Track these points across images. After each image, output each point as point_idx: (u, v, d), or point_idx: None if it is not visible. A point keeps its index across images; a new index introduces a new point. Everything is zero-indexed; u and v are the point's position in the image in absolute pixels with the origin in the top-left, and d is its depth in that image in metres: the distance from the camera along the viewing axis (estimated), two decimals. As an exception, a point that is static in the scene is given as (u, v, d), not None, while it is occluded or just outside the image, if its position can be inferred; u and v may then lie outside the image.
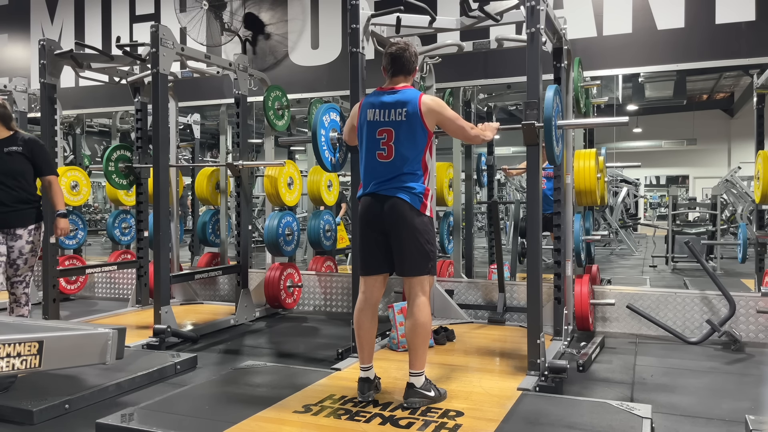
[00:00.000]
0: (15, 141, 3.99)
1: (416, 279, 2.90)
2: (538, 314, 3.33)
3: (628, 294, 4.70)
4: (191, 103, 6.86)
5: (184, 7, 6.16)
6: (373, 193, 2.93)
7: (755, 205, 5.54)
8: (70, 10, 7.29)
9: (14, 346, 1.18)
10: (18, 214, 3.94)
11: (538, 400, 2.98)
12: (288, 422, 2.70)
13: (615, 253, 11.27)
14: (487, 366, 3.62)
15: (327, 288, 5.73)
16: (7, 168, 3.93)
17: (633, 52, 5.06)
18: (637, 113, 12.17)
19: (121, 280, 6.53)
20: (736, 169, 8.94)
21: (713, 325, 4.30)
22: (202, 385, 3.33)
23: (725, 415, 2.97)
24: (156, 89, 4.46)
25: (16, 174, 3.95)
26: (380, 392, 3.02)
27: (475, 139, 3.12)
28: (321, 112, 3.70)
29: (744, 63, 4.94)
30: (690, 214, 10.87)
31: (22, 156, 3.98)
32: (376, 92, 3.00)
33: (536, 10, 3.33)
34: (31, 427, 2.78)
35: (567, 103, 4.30)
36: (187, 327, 4.81)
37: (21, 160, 3.98)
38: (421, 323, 2.86)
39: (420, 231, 2.87)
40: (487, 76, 5.56)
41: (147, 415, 2.76)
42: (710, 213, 9.47)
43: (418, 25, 3.99)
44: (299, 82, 6.19)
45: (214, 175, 6.17)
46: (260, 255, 8.37)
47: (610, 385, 3.46)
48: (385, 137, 2.91)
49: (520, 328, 4.48)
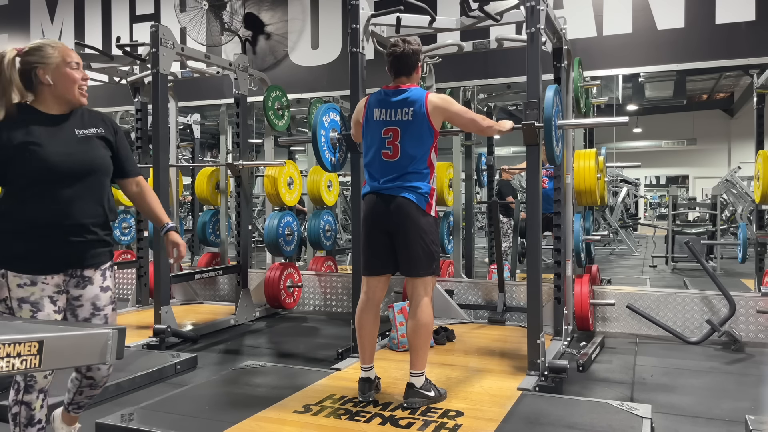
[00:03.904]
0: (92, 119, 2.20)
1: (420, 279, 2.90)
2: (538, 314, 3.33)
3: (628, 294, 4.70)
4: (191, 103, 6.86)
5: (184, 7, 6.16)
6: (378, 192, 2.92)
7: (755, 205, 5.54)
8: (70, 10, 7.29)
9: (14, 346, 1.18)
10: (94, 246, 2.18)
11: (538, 400, 2.98)
12: (288, 422, 2.70)
13: (615, 253, 11.27)
14: (487, 366, 3.62)
15: (327, 288, 5.73)
16: (87, 163, 2.13)
17: (633, 52, 5.06)
18: (637, 113, 12.18)
19: (121, 280, 6.53)
20: (736, 169, 8.94)
21: (713, 325, 4.30)
22: (202, 385, 3.33)
23: (725, 415, 2.97)
24: (156, 89, 4.46)
25: (102, 174, 2.18)
26: (380, 392, 3.02)
27: (488, 130, 3.10)
28: (321, 112, 3.70)
29: (744, 63, 4.94)
30: (690, 214, 10.87)
31: (102, 142, 2.19)
32: (382, 91, 3.00)
33: (536, 10, 3.33)
34: (31, 427, 2.78)
35: (567, 103, 4.30)
36: (187, 327, 4.81)
37: (103, 151, 2.19)
38: (423, 324, 2.86)
39: (426, 231, 2.87)
40: (487, 76, 5.57)
41: (147, 415, 2.76)
42: (710, 213, 9.47)
43: (418, 25, 3.99)
44: (299, 82, 6.18)
45: (214, 175, 6.17)
46: (260, 255, 8.37)
47: (610, 385, 3.46)
48: (391, 136, 2.90)
49: (520, 328, 4.48)
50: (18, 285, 2.01)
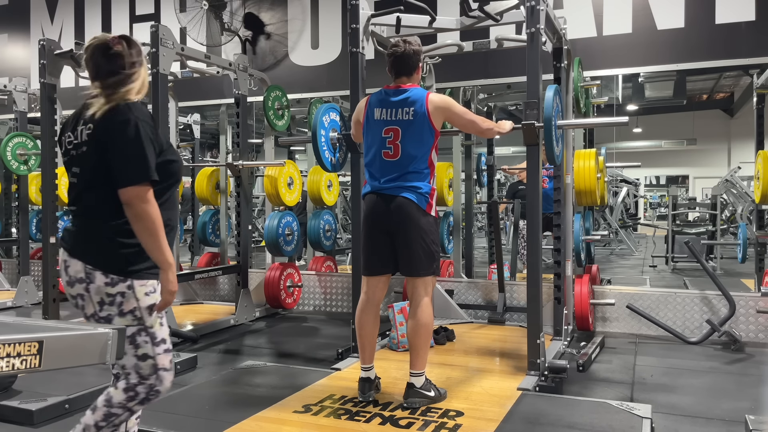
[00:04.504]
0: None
1: (420, 279, 2.90)
2: (538, 314, 3.33)
3: (628, 294, 4.70)
4: (191, 103, 6.86)
5: (184, 7, 6.16)
6: (378, 192, 2.92)
7: (755, 205, 5.55)
8: (70, 10, 7.29)
9: (14, 346, 1.18)
10: None
11: (538, 400, 2.98)
12: (288, 422, 2.70)
13: (615, 253, 11.27)
14: (487, 366, 3.62)
15: (327, 288, 5.73)
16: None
17: (633, 52, 5.06)
18: (637, 113, 12.17)
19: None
20: (736, 169, 8.95)
21: (713, 325, 4.30)
22: (202, 385, 3.33)
23: (725, 415, 2.97)
24: (156, 89, 4.45)
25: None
26: (380, 392, 3.02)
27: (488, 132, 3.10)
28: (321, 112, 3.70)
29: (744, 63, 4.95)
30: (690, 214, 10.86)
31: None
32: (382, 91, 3.00)
33: (536, 10, 3.33)
34: (31, 427, 2.78)
35: (567, 103, 4.30)
36: (187, 327, 4.81)
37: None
38: (423, 324, 2.86)
39: (426, 231, 2.87)
40: (487, 76, 5.57)
41: (147, 415, 2.75)
42: (710, 213, 9.46)
43: (418, 25, 3.99)
44: (299, 82, 6.18)
45: (214, 175, 6.17)
46: (260, 255, 8.36)
47: (610, 385, 3.46)
48: (392, 136, 2.90)
49: (520, 328, 4.48)
50: (146, 293, 1.92)
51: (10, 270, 7.03)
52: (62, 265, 1.93)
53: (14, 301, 5.95)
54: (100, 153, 1.86)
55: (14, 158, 6.11)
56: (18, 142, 6.14)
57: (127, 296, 1.87)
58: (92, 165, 1.89)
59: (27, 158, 6.20)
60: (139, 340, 1.89)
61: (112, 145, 1.84)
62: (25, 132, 6.26)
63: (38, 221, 6.54)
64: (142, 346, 1.90)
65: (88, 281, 1.87)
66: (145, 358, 1.91)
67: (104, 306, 1.87)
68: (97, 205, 1.90)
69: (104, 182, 1.86)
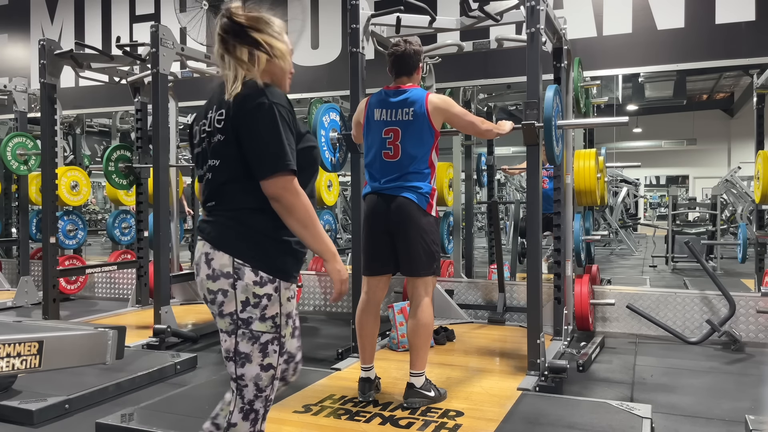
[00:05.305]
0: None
1: (421, 279, 2.90)
2: (538, 314, 3.33)
3: (628, 294, 4.70)
4: (191, 103, 6.84)
5: (184, 7, 6.15)
6: (378, 192, 2.92)
7: (755, 205, 5.55)
8: (70, 10, 7.29)
9: (14, 346, 1.18)
10: None
11: (538, 400, 2.98)
12: (288, 422, 2.70)
13: (615, 253, 11.27)
14: (487, 366, 3.62)
15: (327, 288, 5.73)
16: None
17: (633, 52, 5.06)
18: (637, 113, 12.19)
19: (121, 280, 6.53)
20: (736, 169, 8.95)
21: (713, 325, 4.30)
22: (202, 385, 3.33)
23: (725, 415, 2.97)
24: (156, 89, 4.46)
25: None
26: (380, 392, 3.02)
27: (487, 133, 3.10)
28: (321, 113, 3.70)
29: (744, 63, 4.94)
30: (690, 214, 10.87)
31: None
32: (382, 91, 3.00)
33: (536, 10, 3.33)
34: (31, 427, 2.78)
35: (567, 103, 4.30)
36: (187, 327, 4.81)
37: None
38: (423, 324, 2.86)
39: (426, 231, 2.87)
40: (487, 76, 5.56)
41: (147, 415, 2.76)
42: (710, 213, 9.47)
43: (418, 25, 3.99)
44: (299, 82, 6.16)
45: (214, 175, 6.15)
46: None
47: (610, 385, 3.46)
48: (392, 136, 2.90)
49: (520, 328, 4.48)
50: (288, 299, 1.79)
51: (10, 270, 7.04)
52: (202, 258, 1.73)
53: (14, 301, 5.95)
54: (238, 142, 1.69)
55: (14, 158, 6.12)
56: (18, 142, 6.14)
57: (273, 300, 1.72)
58: (233, 155, 1.70)
59: (27, 158, 6.20)
60: (270, 349, 1.73)
61: (247, 132, 1.67)
62: (25, 132, 6.27)
63: (38, 221, 6.55)
64: (270, 356, 1.73)
65: (236, 277, 1.69)
66: (268, 368, 1.75)
67: (248, 307, 1.70)
68: (243, 197, 1.72)
69: (247, 174, 1.70)
